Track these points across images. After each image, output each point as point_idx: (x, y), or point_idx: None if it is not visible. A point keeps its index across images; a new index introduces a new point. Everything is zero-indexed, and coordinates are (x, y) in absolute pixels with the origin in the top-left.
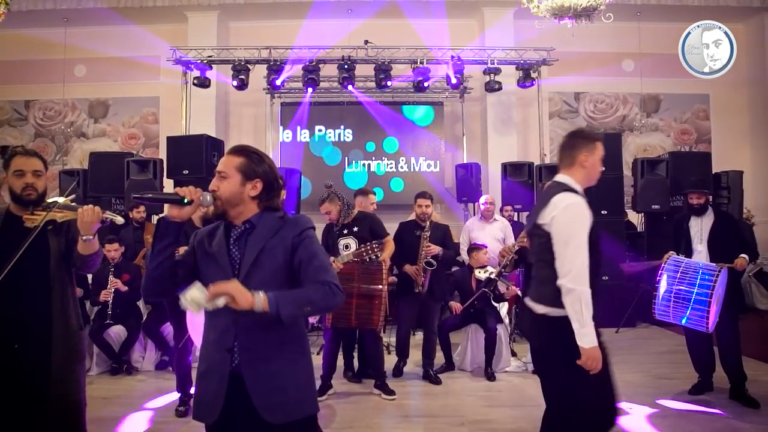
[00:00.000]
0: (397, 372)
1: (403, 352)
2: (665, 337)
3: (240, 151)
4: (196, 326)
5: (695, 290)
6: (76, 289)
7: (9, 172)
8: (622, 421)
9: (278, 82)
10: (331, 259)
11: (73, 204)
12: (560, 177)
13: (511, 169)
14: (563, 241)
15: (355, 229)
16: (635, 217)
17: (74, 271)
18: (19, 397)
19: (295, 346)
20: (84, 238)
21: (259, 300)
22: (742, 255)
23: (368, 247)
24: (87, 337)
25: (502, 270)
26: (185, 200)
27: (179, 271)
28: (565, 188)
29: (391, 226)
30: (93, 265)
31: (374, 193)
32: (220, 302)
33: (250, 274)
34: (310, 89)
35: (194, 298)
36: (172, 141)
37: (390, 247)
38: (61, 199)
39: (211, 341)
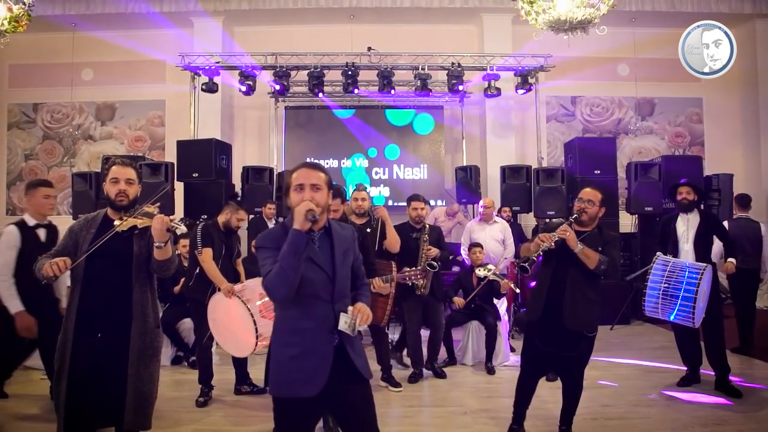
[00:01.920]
0: (414, 379)
1: (418, 360)
2: (657, 334)
3: (321, 167)
4: (217, 324)
5: (682, 288)
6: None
7: (107, 179)
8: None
9: (282, 86)
10: (376, 279)
11: (155, 212)
12: None
13: (509, 172)
14: None
15: (368, 230)
16: (629, 219)
17: (153, 275)
18: (97, 383)
19: None
20: (156, 244)
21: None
22: (730, 260)
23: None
24: (162, 335)
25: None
26: (316, 216)
27: None
28: None
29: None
30: (167, 270)
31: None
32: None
33: (338, 271)
34: (321, 93)
35: (348, 324)
36: (181, 145)
37: (396, 239)
38: (145, 207)
39: (309, 328)
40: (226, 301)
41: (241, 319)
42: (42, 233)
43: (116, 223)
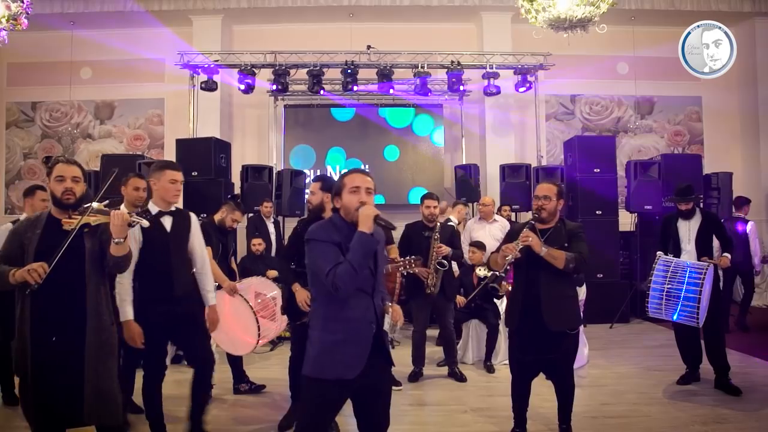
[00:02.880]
0: (414, 378)
1: (419, 360)
2: (656, 332)
3: (370, 174)
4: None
5: (684, 288)
6: (108, 287)
7: (51, 177)
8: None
9: (282, 85)
10: None
11: (106, 209)
12: None
13: (509, 171)
14: None
15: None
16: (628, 218)
17: (107, 271)
18: (59, 383)
19: None
20: (115, 240)
21: None
22: (725, 254)
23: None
24: (117, 333)
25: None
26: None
27: None
28: None
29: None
30: (123, 266)
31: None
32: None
33: (379, 266)
34: (321, 91)
35: (390, 325)
36: (181, 143)
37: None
38: (95, 204)
39: (353, 317)
40: (226, 299)
41: (241, 317)
42: (167, 222)
43: (65, 223)
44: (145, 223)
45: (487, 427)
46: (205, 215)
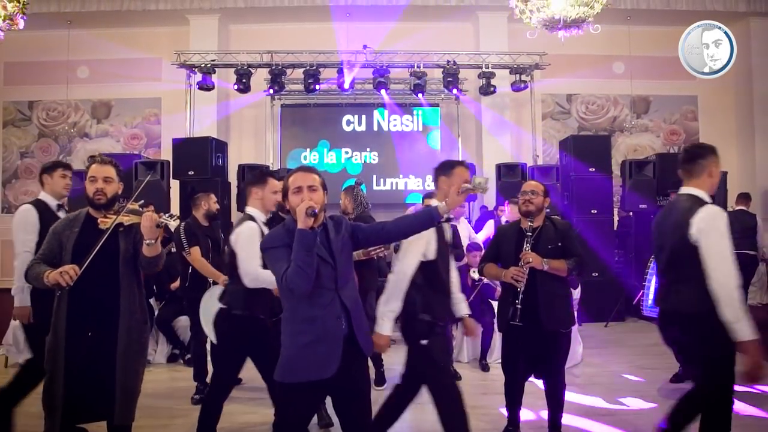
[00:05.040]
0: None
1: None
2: (651, 331)
3: (315, 170)
4: (203, 320)
5: None
6: (143, 286)
7: (87, 178)
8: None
9: (278, 85)
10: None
11: (139, 209)
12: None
13: (504, 170)
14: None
15: None
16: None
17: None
18: (90, 380)
19: None
20: (146, 241)
21: None
22: None
23: (377, 249)
24: (150, 331)
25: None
26: (315, 211)
27: None
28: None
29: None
30: (156, 266)
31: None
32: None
33: (337, 258)
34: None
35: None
36: (177, 143)
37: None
38: (130, 204)
39: (318, 316)
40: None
41: None
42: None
43: (101, 222)
44: (173, 224)
45: (481, 425)
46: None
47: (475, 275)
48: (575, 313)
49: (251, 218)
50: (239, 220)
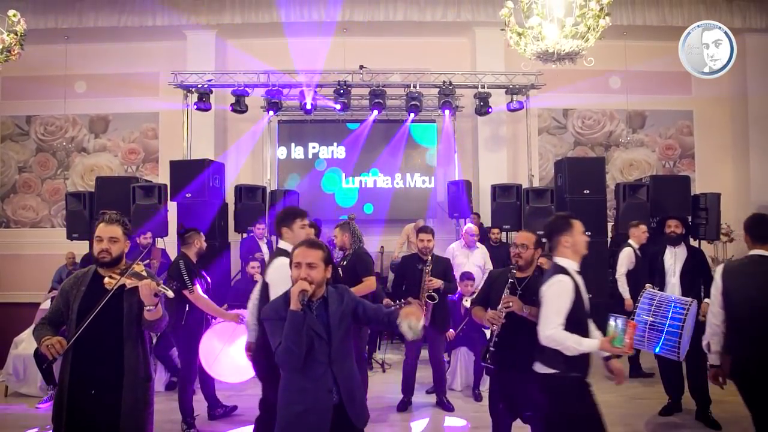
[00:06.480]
0: (402, 407)
1: (408, 389)
2: (642, 356)
3: (320, 245)
4: (212, 354)
5: (667, 322)
6: (146, 344)
7: (94, 236)
8: None
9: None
10: None
11: (143, 273)
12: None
13: (500, 191)
14: None
15: (344, 263)
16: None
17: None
18: None
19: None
20: (147, 308)
21: None
22: (706, 300)
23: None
24: (153, 387)
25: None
26: (305, 299)
27: None
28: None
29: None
30: (158, 328)
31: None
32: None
33: (333, 335)
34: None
35: (410, 327)
36: (175, 165)
37: (367, 286)
38: (136, 266)
39: (309, 388)
40: (229, 328)
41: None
42: None
43: (106, 282)
44: (170, 294)
45: None
46: None
47: (467, 304)
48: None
49: (284, 253)
50: (273, 255)
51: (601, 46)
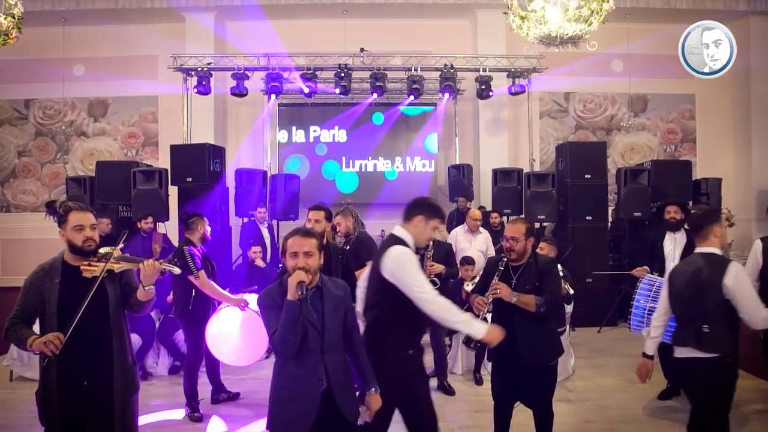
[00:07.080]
0: None
1: None
2: (642, 339)
3: (313, 233)
4: (219, 339)
5: None
6: (128, 328)
7: (67, 226)
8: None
9: (275, 89)
10: None
11: (133, 257)
12: None
13: (501, 175)
14: None
15: (347, 247)
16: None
17: (128, 313)
18: (90, 426)
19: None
20: (147, 288)
21: None
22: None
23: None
24: (138, 370)
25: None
26: (304, 290)
27: None
28: None
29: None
30: (146, 309)
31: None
32: None
33: (327, 325)
34: (308, 88)
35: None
36: (175, 149)
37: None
38: (113, 250)
39: (300, 375)
40: (235, 313)
41: (251, 328)
42: None
43: (84, 270)
44: (177, 270)
45: None
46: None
47: (469, 288)
48: (561, 347)
49: (401, 242)
50: (388, 243)
51: (603, 28)
